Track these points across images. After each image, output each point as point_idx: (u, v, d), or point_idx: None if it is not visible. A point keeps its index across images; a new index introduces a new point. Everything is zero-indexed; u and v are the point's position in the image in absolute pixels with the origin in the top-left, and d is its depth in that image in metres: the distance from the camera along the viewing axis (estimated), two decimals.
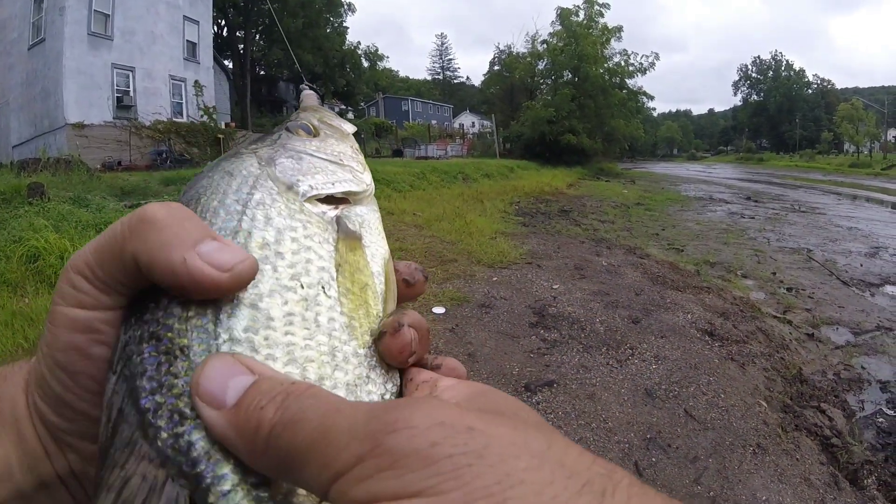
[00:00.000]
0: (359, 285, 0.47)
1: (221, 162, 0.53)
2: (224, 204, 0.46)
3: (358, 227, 0.51)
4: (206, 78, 28.29)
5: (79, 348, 0.39)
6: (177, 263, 0.36)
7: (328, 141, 0.61)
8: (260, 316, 0.40)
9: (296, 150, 0.56)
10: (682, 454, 3.67)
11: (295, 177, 0.51)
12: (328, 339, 0.42)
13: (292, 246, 0.45)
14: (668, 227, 13.63)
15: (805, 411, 4.42)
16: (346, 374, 0.41)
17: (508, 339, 5.58)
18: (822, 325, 6.47)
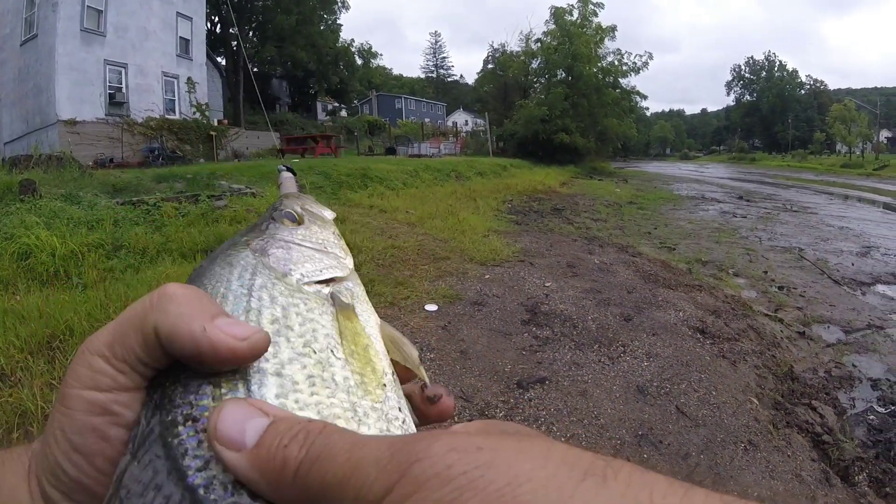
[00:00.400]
0: (361, 346, 0.51)
1: (218, 254, 0.56)
2: (231, 289, 0.50)
3: (350, 300, 0.56)
4: (198, 75, 28.22)
5: (97, 430, 0.40)
6: (197, 332, 0.38)
7: (312, 229, 0.66)
8: (286, 382, 0.42)
9: (284, 241, 0.60)
10: (673, 451, 3.68)
11: (287, 266, 0.55)
12: (347, 395, 0.44)
13: (298, 319, 0.48)
14: (660, 226, 13.67)
15: (796, 408, 4.44)
16: (370, 428, 0.43)
17: (501, 336, 5.58)
18: (813, 324, 6.50)
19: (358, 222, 10.41)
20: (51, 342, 4.70)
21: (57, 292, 5.96)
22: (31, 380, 4.08)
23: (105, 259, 7.07)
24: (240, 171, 14.64)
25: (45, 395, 3.90)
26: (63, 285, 6.32)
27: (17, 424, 3.61)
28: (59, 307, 5.29)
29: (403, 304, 6.35)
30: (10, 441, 3.46)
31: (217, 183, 12.28)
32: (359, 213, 11.60)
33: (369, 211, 12.29)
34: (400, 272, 7.54)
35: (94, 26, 22.66)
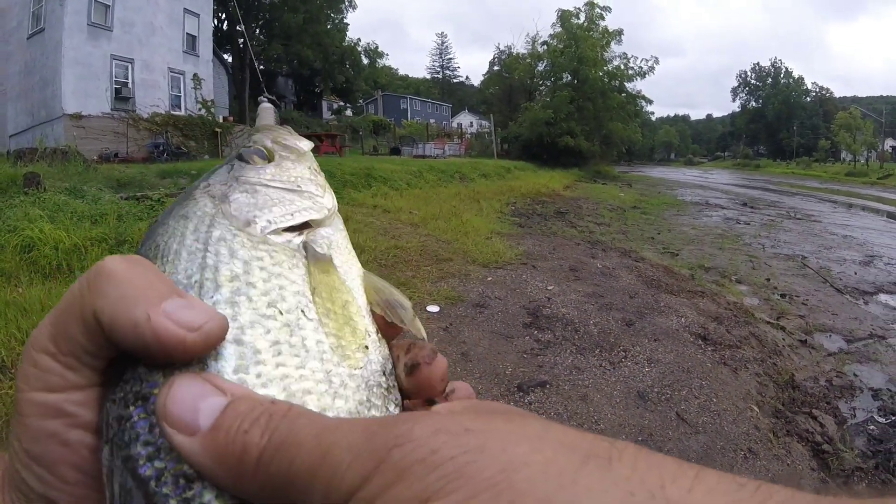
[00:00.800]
0: (339, 304, 0.45)
1: (175, 207, 0.50)
2: (185, 245, 0.44)
3: (326, 249, 0.50)
4: (204, 71, 28.24)
5: (53, 435, 0.35)
6: (140, 320, 0.33)
7: (284, 165, 0.58)
8: (247, 351, 0.38)
9: (250, 183, 0.53)
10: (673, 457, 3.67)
11: (251, 213, 0.49)
12: (321, 363, 0.40)
13: (262, 275, 0.43)
14: (663, 231, 13.65)
15: (797, 417, 4.43)
16: (347, 401, 0.39)
17: (502, 339, 5.58)
18: (815, 332, 6.48)
19: (361, 222, 10.40)
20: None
21: (59, 286, 5.96)
22: None
23: (108, 253, 6.93)
24: None
25: None
26: (66, 279, 6.31)
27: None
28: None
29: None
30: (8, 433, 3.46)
31: None
32: (362, 213, 11.59)
33: (373, 211, 12.28)
34: (402, 273, 7.53)
35: (101, 21, 22.68)
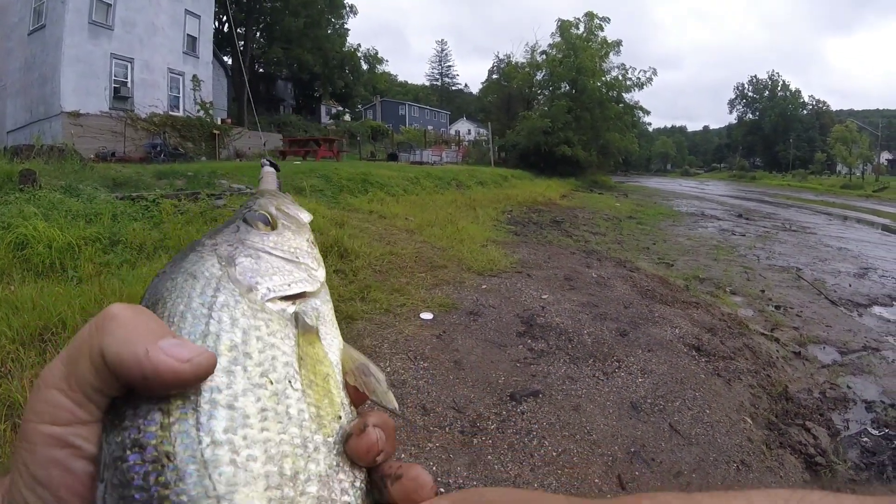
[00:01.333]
0: (321, 376, 0.49)
1: (182, 262, 0.53)
2: (191, 308, 0.47)
3: (314, 321, 0.54)
4: (204, 73, 28.31)
5: (59, 463, 0.39)
6: (140, 355, 0.38)
7: (285, 235, 0.63)
8: (237, 416, 0.41)
9: (254, 248, 0.57)
10: (665, 468, 3.67)
11: (254, 279, 0.53)
12: (299, 430, 0.44)
13: (258, 345, 0.46)
14: (658, 242, 13.67)
15: (790, 429, 4.42)
16: (318, 464, 0.43)
17: (495, 347, 5.57)
18: (809, 344, 6.49)
19: (357, 227, 10.39)
20: (43, 334, 4.68)
21: (52, 284, 5.94)
22: (22, 371, 4.07)
23: (102, 253, 7.05)
24: (241, 171, 14.62)
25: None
26: (58, 278, 6.29)
27: (5, 416, 3.59)
28: (53, 299, 5.27)
29: (399, 312, 6.33)
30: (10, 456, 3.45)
31: (217, 182, 12.27)
32: (358, 219, 11.58)
33: (369, 216, 12.27)
34: (397, 279, 7.53)
35: (102, 19, 22.73)
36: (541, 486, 3.40)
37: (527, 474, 3.51)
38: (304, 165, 18.12)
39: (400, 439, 3.81)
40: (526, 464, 3.62)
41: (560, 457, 3.71)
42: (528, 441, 3.89)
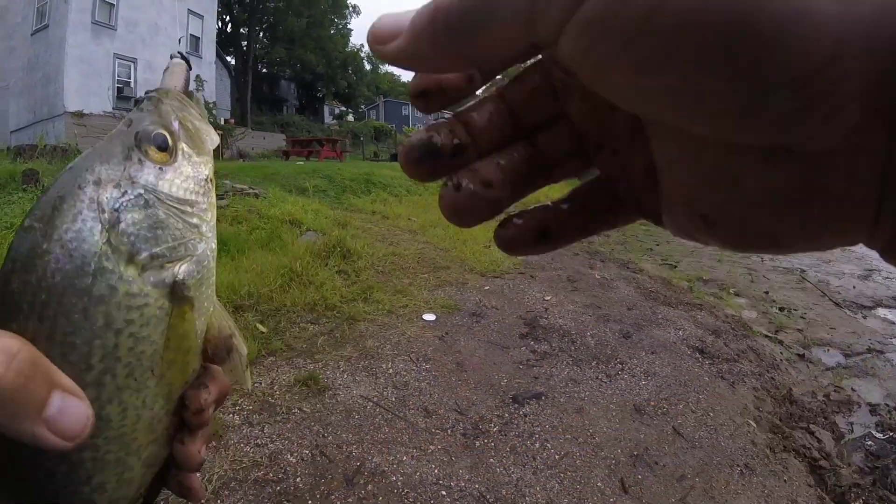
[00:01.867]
0: (183, 352, 0.47)
1: (54, 226, 0.42)
2: (62, 309, 0.40)
3: (192, 289, 0.47)
4: (207, 73, 28.45)
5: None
6: (27, 437, 0.37)
7: (183, 170, 0.49)
8: (102, 424, 0.41)
9: (146, 190, 0.45)
10: (668, 472, 3.65)
11: (138, 245, 0.44)
12: (150, 413, 0.44)
13: (129, 343, 0.43)
14: (662, 243, 13.61)
15: (794, 432, 4.40)
16: (156, 432, 0.46)
17: (498, 349, 5.55)
18: (813, 346, 6.45)
19: (360, 228, 10.39)
20: None
21: None
22: None
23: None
24: (244, 171, 14.62)
25: None
26: None
27: None
28: None
29: (401, 313, 6.32)
30: None
31: (220, 182, 12.25)
32: (361, 219, 11.57)
33: (371, 217, 12.27)
34: (399, 280, 7.51)
35: (105, 20, 22.83)
36: (543, 489, 3.39)
37: (529, 477, 3.50)
38: (308, 166, 18.13)
39: (402, 441, 3.81)
40: (528, 466, 3.61)
41: (563, 460, 3.70)
42: (531, 444, 3.88)
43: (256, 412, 4.09)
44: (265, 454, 3.58)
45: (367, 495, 3.24)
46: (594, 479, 3.52)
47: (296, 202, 11.13)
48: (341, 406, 4.24)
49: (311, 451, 3.64)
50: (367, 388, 4.56)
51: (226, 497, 3.15)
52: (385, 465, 3.53)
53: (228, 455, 3.54)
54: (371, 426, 4.00)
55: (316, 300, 6.30)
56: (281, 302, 6.14)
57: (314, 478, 3.37)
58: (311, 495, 3.21)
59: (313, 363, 4.92)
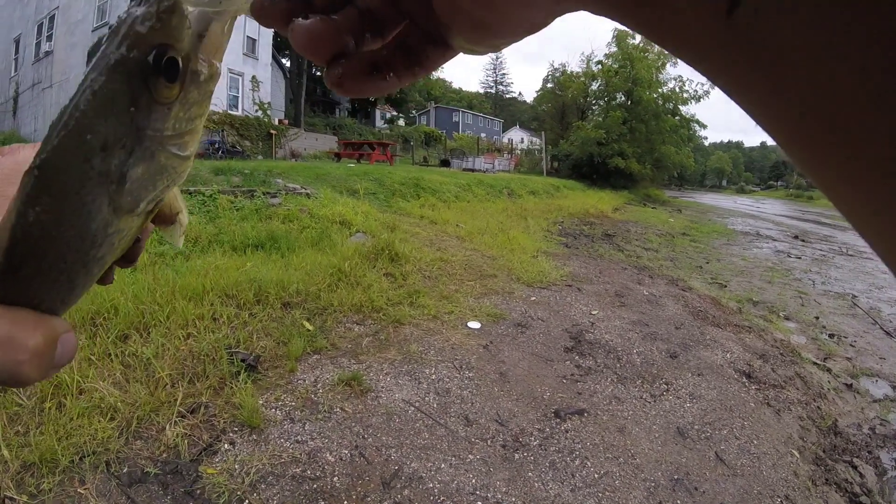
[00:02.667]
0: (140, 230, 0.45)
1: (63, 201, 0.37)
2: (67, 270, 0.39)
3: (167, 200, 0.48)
4: (263, 74, 28.94)
5: None
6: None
7: (188, 101, 0.40)
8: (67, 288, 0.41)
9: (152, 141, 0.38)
10: (708, 499, 3.59)
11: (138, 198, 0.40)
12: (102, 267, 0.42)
13: (106, 252, 0.41)
14: (712, 261, 13.42)
15: (837, 465, 4.30)
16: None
17: (542, 361, 5.53)
18: (861, 376, 6.29)
19: (408, 231, 10.44)
20: (94, 319, 4.81)
21: None
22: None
23: (157, 244, 7.20)
24: (296, 171, 14.81)
25: (82, 370, 3.99)
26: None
27: (51, 394, 3.69)
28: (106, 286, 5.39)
29: (446, 319, 6.34)
30: (42, 411, 3.55)
31: (273, 180, 12.43)
32: (409, 223, 11.64)
33: (420, 221, 12.32)
34: (445, 286, 7.53)
35: None
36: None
37: (567, 495, 3.47)
38: (358, 168, 18.28)
39: (441, 448, 3.81)
40: (567, 483, 3.58)
41: (602, 479, 3.66)
42: (571, 460, 3.85)
43: (298, 409, 4.13)
44: (304, 451, 3.61)
45: (404, 500, 3.25)
46: (632, 501, 3.48)
47: (346, 203, 11.24)
48: (383, 409, 4.26)
49: (350, 451, 3.66)
50: (410, 392, 4.57)
51: (262, 491, 3.19)
52: (423, 471, 3.54)
53: (268, 449, 3.58)
54: (411, 431, 4.01)
55: (363, 301, 6.35)
56: (328, 301, 6.19)
57: (351, 478, 3.39)
58: (347, 495, 3.23)
59: (357, 364, 4.96)
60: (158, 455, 3.39)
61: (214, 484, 3.18)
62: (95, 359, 4.23)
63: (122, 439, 3.46)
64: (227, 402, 4.03)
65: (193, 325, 5.01)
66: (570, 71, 51.20)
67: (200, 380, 4.26)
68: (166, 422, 3.68)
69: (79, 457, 3.24)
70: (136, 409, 3.72)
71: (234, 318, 5.33)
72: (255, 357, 4.70)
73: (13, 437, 3.28)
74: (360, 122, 55.49)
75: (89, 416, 3.56)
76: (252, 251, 7.57)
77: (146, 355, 4.37)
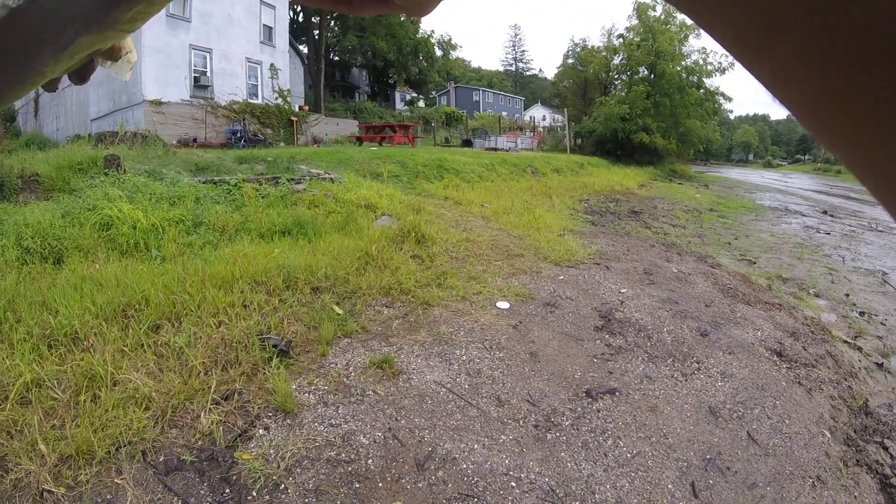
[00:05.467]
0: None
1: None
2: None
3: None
4: (281, 61, 28.99)
5: None
6: None
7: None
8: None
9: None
10: (740, 479, 3.57)
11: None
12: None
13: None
14: (740, 237, 13.28)
15: (868, 446, 4.25)
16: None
17: (572, 340, 5.52)
18: (892, 355, 6.20)
19: (433, 213, 10.45)
20: (126, 310, 4.87)
21: (136, 263, 6.18)
22: (104, 345, 4.25)
23: (185, 234, 7.28)
24: (318, 157, 14.87)
25: (116, 361, 4.04)
26: (142, 257, 6.54)
27: (86, 387, 3.74)
28: (136, 277, 5.48)
29: (475, 300, 6.34)
30: (77, 403, 3.60)
31: (296, 167, 12.48)
32: (434, 204, 11.64)
33: (444, 202, 12.32)
34: (473, 266, 7.53)
35: (179, 12, 23.59)
36: (613, 487, 3.37)
37: (600, 474, 3.47)
38: (381, 151, 18.29)
39: (474, 429, 3.83)
40: (599, 464, 3.59)
41: (634, 459, 3.66)
42: (603, 440, 3.85)
43: (331, 392, 4.16)
44: (338, 434, 3.64)
45: (437, 481, 3.27)
46: (665, 480, 3.48)
47: (370, 187, 11.27)
48: (415, 391, 4.29)
49: (383, 433, 3.69)
50: (441, 373, 4.59)
51: (298, 475, 3.22)
52: (456, 453, 3.56)
53: (303, 433, 3.62)
54: (443, 412, 4.03)
55: (391, 284, 6.37)
56: (357, 285, 6.22)
57: (385, 460, 3.42)
58: (381, 478, 3.26)
59: (388, 346, 4.99)
60: (194, 443, 3.44)
61: (250, 469, 3.22)
62: (128, 350, 4.29)
63: (157, 428, 3.51)
64: (261, 388, 4.07)
65: (224, 313, 5.05)
66: (590, 46, 50.61)
67: (233, 367, 4.30)
68: (201, 409, 3.73)
69: (115, 447, 3.29)
70: (171, 398, 3.77)
71: (264, 305, 5.37)
72: (287, 342, 4.73)
73: (49, 430, 3.33)
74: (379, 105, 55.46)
75: (124, 407, 3.62)
76: (279, 238, 7.62)
77: (178, 344, 4.42)
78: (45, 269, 5.97)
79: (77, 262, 6.07)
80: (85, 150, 10.76)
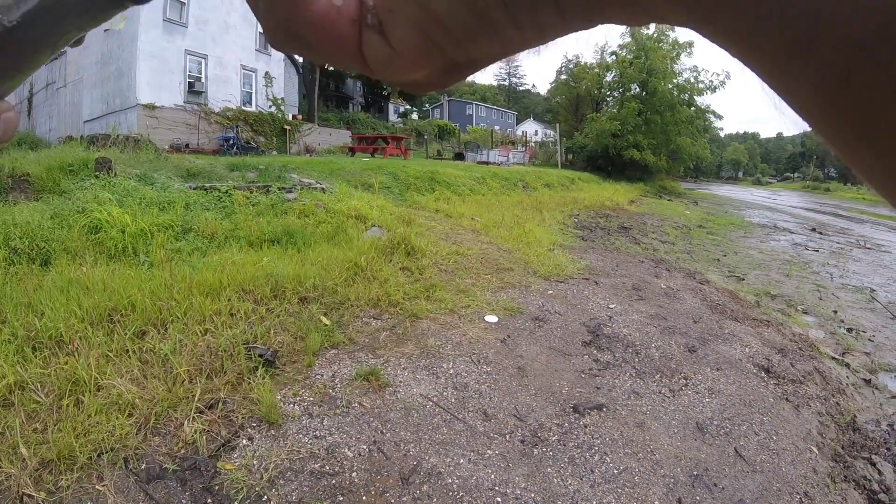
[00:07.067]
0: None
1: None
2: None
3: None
4: (276, 70, 29.13)
5: None
6: None
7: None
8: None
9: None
10: (727, 495, 3.56)
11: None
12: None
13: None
14: (729, 254, 13.35)
15: (856, 462, 4.27)
16: None
17: (560, 355, 5.51)
18: (879, 371, 6.24)
19: (423, 225, 10.43)
20: (112, 315, 4.84)
21: (123, 267, 6.14)
22: (89, 350, 4.21)
23: (174, 240, 7.24)
24: (311, 166, 14.86)
25: (100, 366, 4.01)
26: (130, 261, 6.50)
27: (69, 391, 3.71)
28: (123, 282, 5.44)
29: (463, 313, 6.33)
30: (60, 408, 3.57)
31: (288, 175, 12.46)
32: (424, 217, 11.63)
33: (435, 215, 12.31)
34: (462, 280, 7.52)
35: (176, 17, 23.65)
36: (599, 503, 3.35)
37: (586, 490, 3.46)
38: (373, 162, 18.31)
39: (460, 444, 3.81)
40: (586, 479, 3.57)
41: (621, 475, 3.65)
42: (590, 456, 3.84)
43: (317, 404, 4.13)
44: (323, 446, 3.62)
45: (422, 495, 3.25)
46: (652, 497, 3.46)
47: (361, 198, 11.24)
48: (401, 403, 4.26)
49: (368, 446, 3.66)
50: (428, 387, 4.57)
51: (281, 486, 3.19)
52: (441, 467, 3.53)
53: (287, 445, 3.59)
54: (429, 426, 4.01)
55: (379, 296, 6.34)
56: (345, 296, 6.20)
57: (370, 473, 3.40)
58: (365, 491, 3.24)
59: (375, 358, 4.96)
60: (177, 451, 3.40)
61: (233, 480, 3.19)
62: (113, 355, 4.25)
63: (140, 436, 3.47)
64: (245, 398, 4.04)
65: (211, 321, 5.02)
66: (583, 62, 50.91)
67: (218, 375, 4.27)
68: (184, 418, 3.69)
69: (97, 453, 3.25)
70: (154, 406, 3.73)
71: (251, 314, 5.33)
72: (273, 352, 4.70)
73: (31, 434, 3.30)
74: (373, 116, 55.57)
75: (107, 413, 3.58)
76: (268, 246, 7.58)
77: (164, 351, 4.38)
78: (31, 270, 5.92)
79: (64, 265, 6.02)
80: (77, 151, 10.67)
